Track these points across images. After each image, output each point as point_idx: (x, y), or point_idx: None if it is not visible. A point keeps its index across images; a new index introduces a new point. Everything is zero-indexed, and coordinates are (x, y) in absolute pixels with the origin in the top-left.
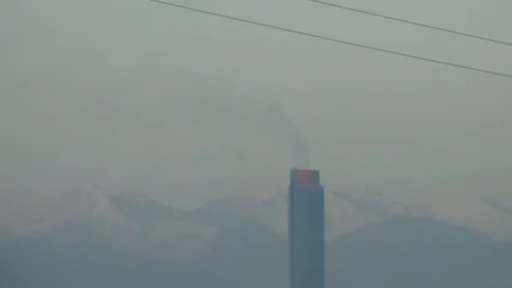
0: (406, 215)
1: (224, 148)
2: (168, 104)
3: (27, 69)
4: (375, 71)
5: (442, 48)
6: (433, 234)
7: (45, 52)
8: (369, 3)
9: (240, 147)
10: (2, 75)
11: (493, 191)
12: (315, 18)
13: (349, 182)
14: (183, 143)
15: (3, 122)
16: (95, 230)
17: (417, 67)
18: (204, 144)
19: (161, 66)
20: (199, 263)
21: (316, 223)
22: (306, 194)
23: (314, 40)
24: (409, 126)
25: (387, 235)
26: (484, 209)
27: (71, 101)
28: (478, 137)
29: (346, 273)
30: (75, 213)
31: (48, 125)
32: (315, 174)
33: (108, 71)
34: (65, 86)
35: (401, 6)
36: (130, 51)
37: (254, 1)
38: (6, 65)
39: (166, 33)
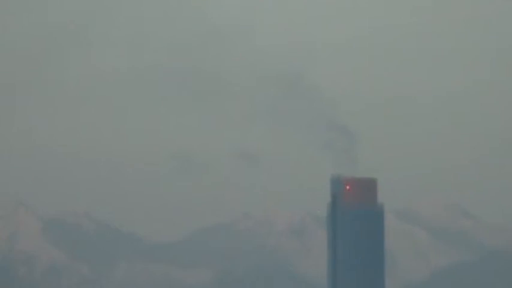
0: None
1: (224, 143)
2: (134, 75)
3: None
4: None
5: None
6: None
7: None
8: None
9: (248, 143)
10: None
11: None
12: None
13: (424, 198)
14: (159, 136)
15: None
16: (17, 272)
17: None
18: (192, 138)
19: (117, 15)
20: None
21: (372, 262)
22: (355, 216)
23: None
24: None
25: (484, 279)
26: None
27: None
28: None
29: None
30: None
31: None
32: (369, 185)
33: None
34: None
35: None
36: None
37: None
38: None
39: None
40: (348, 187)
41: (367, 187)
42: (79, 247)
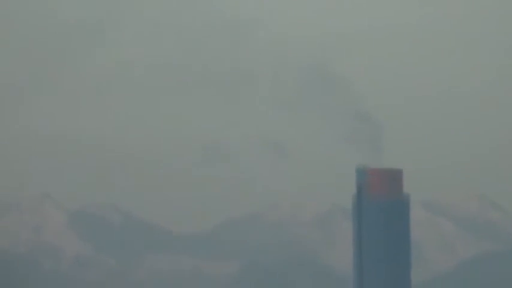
0: None
1: (246, 134)
2: (152, 64)
3: None
4: None
5: None
6: None
7: None
8: None
9: (271, 133)
10: None
11: None
12: None
13: (451, 189)
14: (184, 127)
15: None
16: (43, 265)
17: None
18: (215, 128)
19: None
20: None
21: (398, 254)
22: (381, 208)
23: None
24: None
25: None
26: None
27: None
28: None
29: None
30: (11, 239)
31: None
32: (395, 176)
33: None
34: None
35: None
36: None
37: None
38: None
39: None
40: (373, 178)
41: (393, 178)
42: (105, 239)
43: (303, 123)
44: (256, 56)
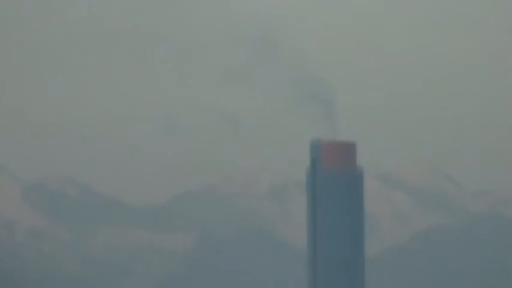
0: (496, 213)
1: (200, 106)
2: (101, 35)
3: None
4: None
5: None
6: None
7: None
8: None
9: (225, 105)
10: None
11: None
12: None
13: (405, 162)
14: (140, 99)
15: None
16: None
17: None
18: (168, 101)
19: None
20: None
21: (351, 226)
22: (335, 181)
23: None
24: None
25: (465, 244)
26: None
27: None
28: None
29: None
30: None
31: None
32: (349, 149)
33: None
34: None
35: None
36: None
37: None
38: None
39: None
40: (327, 151)
41: (347, 151)
42: (60, 212)
43: (256, 95)
44: (206, 28)
